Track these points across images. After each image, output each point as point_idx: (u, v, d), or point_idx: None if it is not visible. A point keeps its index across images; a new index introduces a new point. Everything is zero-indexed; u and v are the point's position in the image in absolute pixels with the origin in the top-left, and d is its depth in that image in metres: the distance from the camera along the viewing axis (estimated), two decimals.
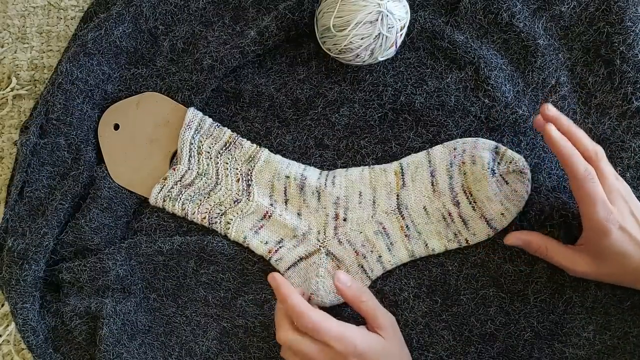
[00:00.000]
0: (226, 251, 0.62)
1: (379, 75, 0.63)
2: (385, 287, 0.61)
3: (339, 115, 0.63)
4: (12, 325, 0.63)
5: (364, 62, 0.59)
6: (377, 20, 0.56)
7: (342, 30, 0.57)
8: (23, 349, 0.64)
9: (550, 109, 0.55)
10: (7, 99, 0.66)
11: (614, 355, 0.59)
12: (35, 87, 0.66)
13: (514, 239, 0.58)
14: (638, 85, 0.61)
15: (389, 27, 0.57)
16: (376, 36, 0.57)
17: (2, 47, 0.66)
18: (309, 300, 0.60)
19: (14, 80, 0.65)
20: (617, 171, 0.60)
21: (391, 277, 0.61)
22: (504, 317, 0.60)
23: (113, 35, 0.61)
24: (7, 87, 0.66)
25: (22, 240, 0.60)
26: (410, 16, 0.61)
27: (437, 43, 0.63)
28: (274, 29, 0.61)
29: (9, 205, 0.61)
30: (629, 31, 0.61)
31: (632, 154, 0.61)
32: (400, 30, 0.58)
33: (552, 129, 0.53)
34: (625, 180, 0.60)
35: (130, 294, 0.61)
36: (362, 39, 0.57)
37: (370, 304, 0.54)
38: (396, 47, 0.59)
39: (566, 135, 0.54)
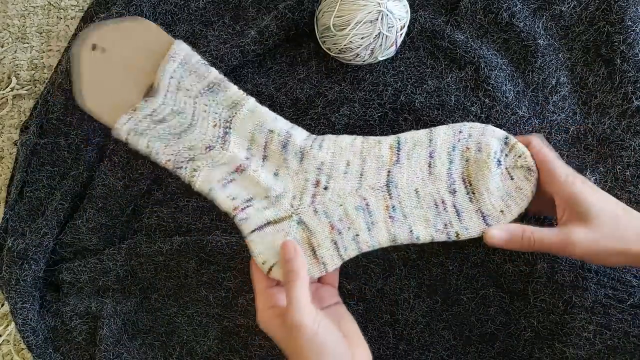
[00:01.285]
0: (226, 251, 0.62)
1: (379, 74, 0.63)
2: (385, 286, 0.61)
3: (339, 115, 0.63)
4: (12, 325, 0.63)
5: (364, 61, 0.59)
6: (377, 19, 0.56)
7: (342, 30, 0.57)
8: (23, 349, 0.64)
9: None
10: (7, 99, 0.66)
11: (615, 355, 0.59)
12: (35, 87, 0.66)
13: (492, 231, 0.53)
14: (638, 85, 0.61)
15: (389, 27, 0.57)
16: (376, 35, 0.56)
17: (2, 47, 0.66)
18: (269, 272, 0.54)
19: (14, 80, 0.65)
20: (617, 169, 0.61)
21: (392, 277, 0.61)
22: (504, 316, 0.60)
23: None
24: (7, 87, 0.66)
25: (22, 240, 0.60)
26: (411, 16, 0.61)
27: (437, 43, 0.63)
28: (274, 28, 0.61)
29: (9, 205, 0.61)
30: (629, 31, 0.61)
31: (632, 153, 0.61)
32: (400, 29, 0.58)
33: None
34: (625, 178, 0.61)
35: (130, 294, 0.61)
36: (362, 38, 0.57)
37: (289, 287, 0.51)
38: (396, 46, 0.59)
39: None
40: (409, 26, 0.60)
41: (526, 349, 0.60)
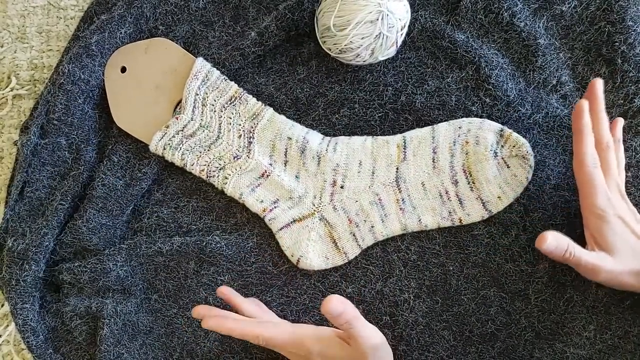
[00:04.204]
0: (225, 252, 0.61)
1: (379, 74, 0.63)
2: (385, 287, 0.61)
3: (340, 116, 0.63)
4: (12, 326, 0.63)
5: (364, 61, 0.59)
6: (377, 19, 0.56)
7: (343, 30, 0.56)
8: (23, 349, 0.63)
9: (599, 86, 0.57)
10: (6, 99, 0.65)
11: (615, 355, 0.59)
12: (35, 87, 0.66)
13: (548, 238, 0.53)
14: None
15: (390, 27, 0.56)
16: (377, 36, 0.56)
17: (2, 46, 0.66)
18: (297, 262, 0.61)
19: (13, 80, 0.65)
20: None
21: (391, 278, 0.61)
22: (504, 317, 0.60)
23: (116, 37, 0.61)
24: (6, 87, 0.65)
25: (22, 240, 0.60)
26: (411, 15, 0.61)
27: (437, 42, 0.63)
28: (274, 29, 0.61)
29: (9, 205, 0.61)
30: (630, 30, 0.61)
31: (633, 153, 0.61)
32: (401, 29, 0.58)
33: (585, 105, 0.56)
34: (627, 179, 0.60)
35: (131, 295, 0.61)
36: (362, 38, 0.57)
37: (355, 327, 0.50)
38: (397, 46, 0.59)
39: (592, 114, 0.57)
40: (409, 26, 0.60)
41: (527, 349, 0.60)
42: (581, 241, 0.56)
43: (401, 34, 0.58)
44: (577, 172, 0.56)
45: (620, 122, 0.60)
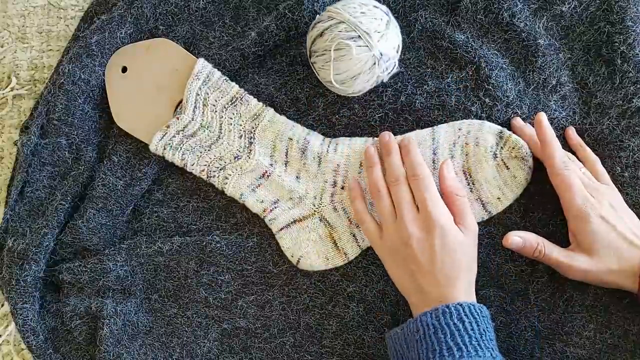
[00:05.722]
0: (225, 252, 0.61)
1: None
2: (386, 287, 0.61)
3: (340, 116, 0.63)
4: (12, 326, 0.63)
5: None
6: (374, 64, 0.56)
7: (344, 83, 0.57)
8: (23, 349, 0.63)
9: (544, 119, 0.59)
10: (7, 99, 0.65)
11: (615, 354, 0.59)
12: (35, 86, 0.66)
13: (513, 237, 0.57)
14: (639, 85, 0.61)
15: (385, 69, 0.57)
16: (377, 77, 0.57)
17: (2, 46, 0.66)
18: (298, 263, 0.61)
19: (13, 80, 0.65)
20: (616, 171, 0.61)
21: None
22: (504, 316, 0.60)
23: (116, 37, 0.61)
24: (7, 87, 0.65)
25: (22, 240, 0.60)
26: (411, 16, 0.62)
27: (437, 43, 0.63)
28: (274, 29, 0.61)
29: (9, 205, 0.61)
30: (629, 31, 0.61)
31: (631, 153, 0.61)
32: (397, 52, 0.58)
33: (544, 117, 0.59)
34: (624, 180, 0.61)
35: (130, 295, 0.61)
36: (366, 82, 0.57)
37: (465, 200, 0.57)
38: (396, 67, 0.59)
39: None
40: (409, 26, 0.60)
41: (527, 348, 0.60)
42: None
43: (394, 63, 0.58)
44: (551, 176, 0.58)
45: (571, 129, 0.62)
